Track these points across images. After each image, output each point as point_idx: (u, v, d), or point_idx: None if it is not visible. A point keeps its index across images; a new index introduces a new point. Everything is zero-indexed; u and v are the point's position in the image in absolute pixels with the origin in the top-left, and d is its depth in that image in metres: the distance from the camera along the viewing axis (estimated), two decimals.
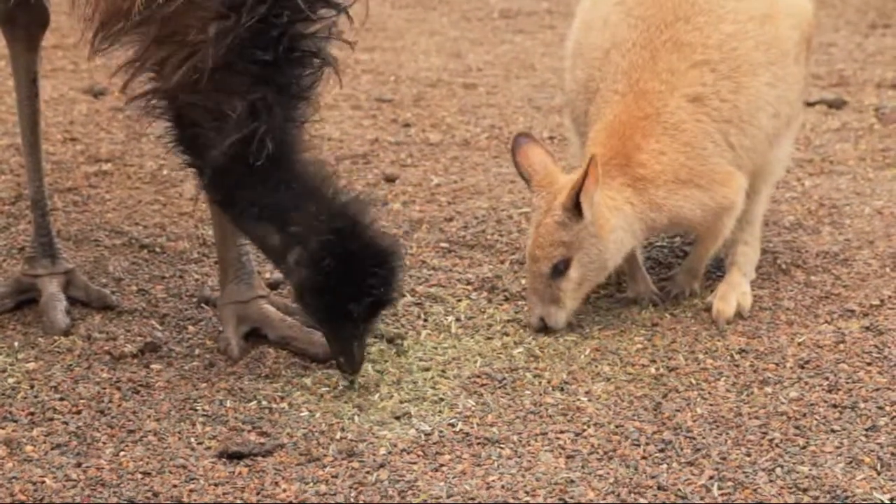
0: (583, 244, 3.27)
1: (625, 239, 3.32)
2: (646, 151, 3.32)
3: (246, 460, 2.76)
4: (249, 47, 2.89)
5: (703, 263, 3.52)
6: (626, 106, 3.36)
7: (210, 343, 3.28)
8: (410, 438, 2.85)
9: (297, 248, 2.99)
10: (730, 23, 3.40)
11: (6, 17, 3.45)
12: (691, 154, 3.33)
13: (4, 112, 4.94)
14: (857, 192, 4.20)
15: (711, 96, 3.35)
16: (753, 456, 2.76)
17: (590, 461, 2.75)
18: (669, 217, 3.35)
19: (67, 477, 2.71)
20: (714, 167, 3.35)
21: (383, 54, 5.78)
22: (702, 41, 3.37)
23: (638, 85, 3.36)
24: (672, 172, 3.32)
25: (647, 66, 3.37)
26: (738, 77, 3.37)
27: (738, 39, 3.38)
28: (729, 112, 3.35)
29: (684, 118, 3.33)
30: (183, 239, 3.88)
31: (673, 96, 3.33)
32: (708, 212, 3.36)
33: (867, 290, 3.53)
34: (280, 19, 2.88)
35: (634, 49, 3.40)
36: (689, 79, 3.34)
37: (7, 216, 4.06)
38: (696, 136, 3.33)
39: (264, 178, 2.97)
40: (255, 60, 2.91)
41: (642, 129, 3.33)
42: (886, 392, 3.02)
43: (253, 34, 2.87)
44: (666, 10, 3.41)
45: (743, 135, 3.37)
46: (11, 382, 3.08)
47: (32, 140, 3.53)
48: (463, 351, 3.23)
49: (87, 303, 3.46)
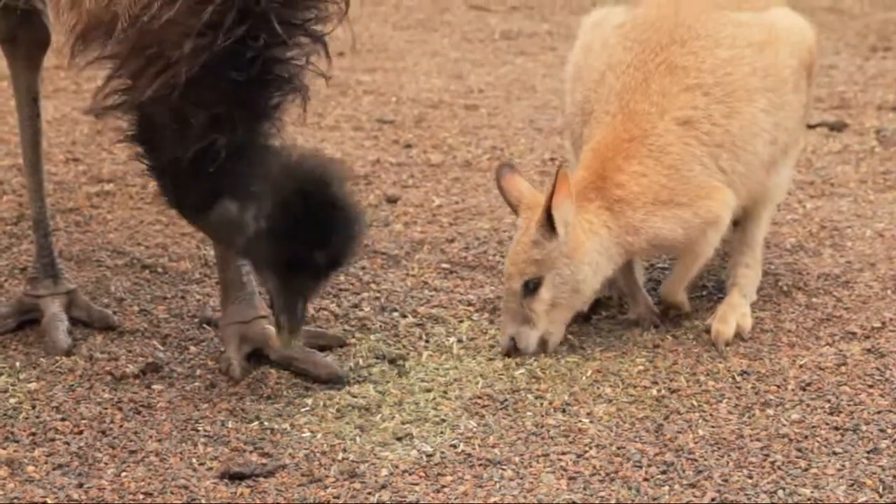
0: (555, 264, 3.26)
1: (600, 263, 3.31)
2: (626, 173, 3.31)
3: (248, 481, 2.76)
4: (223, 66, 2.90)
5: (682, 284, 3.49)
6: (613, 127, 3.37)
7: (212, 363, 3.28)
8: (412, 459, 2.85)
9: (253, 205, 2.98)
10: (726, 48, 3.40)
11: (7, 37, 3.46)
12: (674, 176, 3.32)
13: (6, 132, 4.94)
14: (858, 215, 4.20)
15: (703, 120, 3.34)
16: (755, 478, 2.76)
17: (592, 483, 2.75)
18: (648, 239, 3.34)
19: (69, 497, 2.71)
20: (698, 184, 3.34)
21: (385, 75, 5.79)
22: (696, 65, 3.37)
23: (629, 106, 3.37)
24: (652, 194, 3.31)
25: (640, 87, 3.38)
26: (731, 102, 3.36)
27: (733, 65, 3.38)
28: (721, 136, 3.35)
29: (672, 141, 3.33)
30: (185, 259, 3.89)
31: (662, 119, 3.33)
32: (691, 228, 3.35)
33: (868, 312, 3.53)
34: (256, 42, 2.90)
35: (628, 71, 3.40)
36: (681, 102, 3.34)
37: (9, 236, 4.07)
38: (682, 159, 3.33)
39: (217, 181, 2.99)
40: (226, 78, 2.92)
41: (626, 150, 3.33)
42: (888, 415, 3.02)
43: (228, 54, 2.89)
44: (662, 34, 3.42)
45: (736, 160, 3.37)
46: (13, 402, 3.09)
47: (34, 160, 3.54)
48: (465, 372, 3.23)
49: (88, 323, 3.46)
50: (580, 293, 3.32)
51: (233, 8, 2.84)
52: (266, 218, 2.97)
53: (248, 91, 2.96)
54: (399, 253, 3.88)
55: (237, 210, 3.01)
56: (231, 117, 2.96)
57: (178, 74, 2.89)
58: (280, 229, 2.97)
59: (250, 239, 3.02)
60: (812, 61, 3.57)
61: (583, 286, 3.31)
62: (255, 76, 2.94)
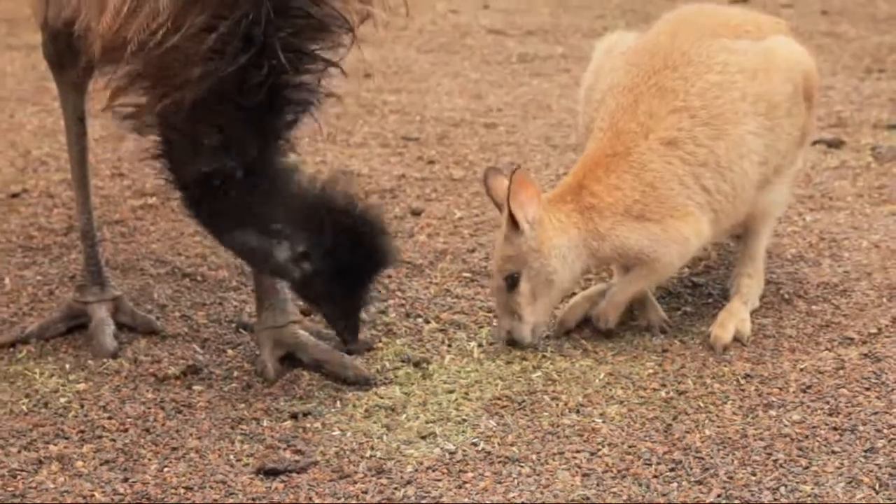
0: (527, 258, 3.28)
1: (568, 257, 3.31)
2: (602, 184, 3.32)
3: (282, 476, 2.77)
4: (229, 91, 2.90)
5: (628, 297, 3.45)
6: (602, 143, 3.37)
7: (248, 366, 3.29)
8: (436, 457, 2.85)
9: (283, 246, 3.00)
10: (716, 73, 3.38)
11: (56, 62, 3.48)
12: (650, 193, 3.31)
13: (57, 149, 4.96)
14: (854, 227, 4.19)
15: (687, 140, 3.33)
16: (759, 475, 2.76)
17: (604, 479, 2.75)
18: (613, 247, 3.33)
19: (115, 491, 2.71)
20: (674, 204, 3.32)
21: (409, 96, 5.79)
22: (685, 88, 3.36)
23: (617, 125, 3.37)
24: (623, 207, 3.31)
25: (630, 108, 3.38)
26: (718, 124, 3.34)
27: (722, 88, 3.37)
28: (705, 156, 3.33)
29: (653, 159, 3.32)
30: (223, 268, 3.89)
31: (647, 138, 3.33)
32: (657, 243, 3.33)
33: (865, 319, 3.52)
34: (261, 70, 2.89)
35: (623, 92, 3.41)
36: (667, 123, 3.33)
37: (59, 246, 4.08)
38: (661, 178, 3.31)
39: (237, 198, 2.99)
40: (233, 103, 2.92)
41: (607, 164, 3.34)
42: (884, 416, 3.01)
43: (233, 80, 2.88)
44: (657, 59, 3.42)
45: (722, 179, 3.35)
46: (63, 402, 3.10)
47: (81, 175, 3.55)
48: (485, 374, 3.23)
49: (133, 328, 3.47)
50: (554, 284, 3.32)
51: (237, 36, 2.84)
52: (307, 260, 3.00)
53: (257, 114, 2.95)
54: (423, 262, 3.88)
55: (257, 242, 3.02)
56: (242, 139, 2.95)
57: (183, 98, 2.89)
58: (323, 266, 3.00)
59: (297, 281, 3.05)
60: (810, 87, 3.54)
61: (554, 277, 3.31)
62: (264, 100, 2.93)
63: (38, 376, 3.23)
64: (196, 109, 2.90)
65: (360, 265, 3.03)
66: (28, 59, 6.33)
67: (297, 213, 3.00)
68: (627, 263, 3.43)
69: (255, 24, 2.84)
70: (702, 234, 3.36)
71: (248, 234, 3.03)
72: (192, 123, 2.94)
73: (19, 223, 4.29)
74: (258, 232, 3.02)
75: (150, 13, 2.80)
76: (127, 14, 2.81)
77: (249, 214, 3.01)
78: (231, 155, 2.95)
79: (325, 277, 3.02)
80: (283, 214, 2.99)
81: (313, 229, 2.98)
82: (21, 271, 3.89)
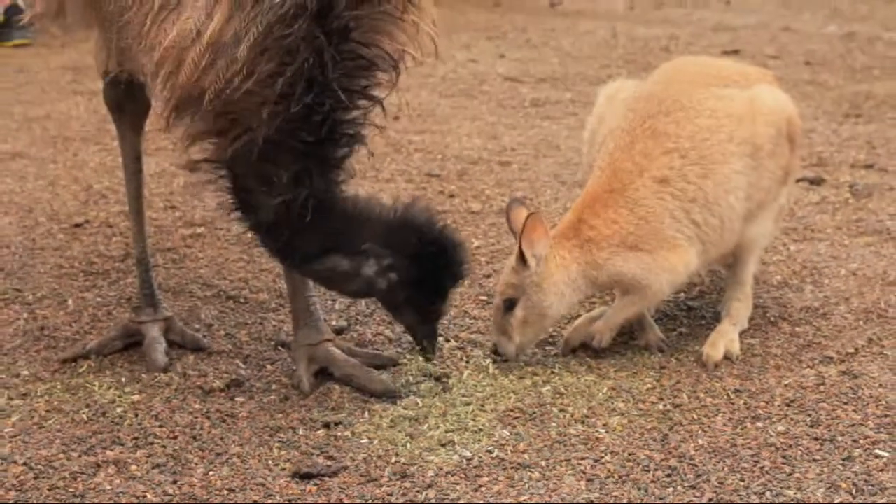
0: (527, 290, 3.28)
1: (566, 292, 3.30)
2: (601, 218, 3.31)
3: (315, 480, 2.76)
4: (295, 128, 2.90)
5: (621, 320, 3.44)
6: (601, 180, 3.37)
7: (285, 380, 3.29)
8: (454, 463, 2.84)
9: (370, 262, 3.02)
10: (706, 118, 3.38)
11: (116, 106, 3.50)
12: (643, 226, 3.30)
13: (116, 184, 4.99)
14: (834, 257, 4.18)
15: (678, 178, 3.32)
16: (747, 481, 2.74)
17: (607, 484, 2.74)
18: (609, 275, 3.31)
19: (165, 492, 2.72)
20: (665, 236, 3.32)
21: (432, 136, 5.81)
22: (676, 131, 3.36)
23: (615, 164, 3.36)
24: (619, 238, 3.29)
25: (627, 148, 3.37)
26: (706, 164, 3.33)
27: (711, 132, 3.36)
28: (694, 193, 3.32)
29: (647, 195, 3.31)
30: (263, 291, 3.90)
31: (641, 176, 3.32)
32: (649, 271, 3.31)
33: (843, 340, 3.51)
34: (323, 107, 2.89)
35: (621, 134, 3.41)
36: (659, 163, 3.33)
37: (117, 271, 4.09)
38: (654, 212, 3.30)
39: (313, 227, 2.99)
40: (299, 139, 2.92)
41: (605, 200, 3.33)
42: (860, 427, 2.99)
43: (299, 118, 2.89)
44: (652, 105, 3.42)
45: (710, 213, 3.34)
46: (119, 412, 3.10)
47: (137, 208, 3.57)
48: (499, 388, 3.22)
49: (182, 345, 3.48)
50: (547, 317, 3.32)
51: (302, 79, 2.85)
52: (393, 270, 3.01)
53: (319, 148, 2.96)
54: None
55: (350, 267, 3.03)
56: (308, 173, 2.95)
57: (256, 137, 2.89)
58: (410, 279, 3.02)
59: (383, 291, 3.05)
60: (793, 130, 3.54)
61: (549, 311, 3.31)
62: (324, 135, 2.94)
63: (97, 388, 3.24)
64: (263, 150, 2.91)
65: (441, 277, 3.05)
66: (91, 104, 6.37)
67: (381, 232, 3.01)
68: (622, 290, 3.42)
69: (317, 68, 2.85)
70: (690, 264, 3.35)
71: (334, 258, 3.03)
72: (262, 162, 2.94)
73: (81, 250, 4.31)
74: (345, 254, 3.02)
75: (226, 64, 2.80)
76: (205, 66, 2.81)
77: (333, 239, 3.01)
78: (302, 187, 2.95)
79: (409, 288, 3.04)
80: (368, 234, 3.00)
81: (398, 245, 3.00)
82: (83, 294, 3.90)
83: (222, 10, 2.78)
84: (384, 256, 3.01)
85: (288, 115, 2.87)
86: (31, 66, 7.55)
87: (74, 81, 6.99)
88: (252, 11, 2.78)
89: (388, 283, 3.04)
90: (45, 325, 3.63)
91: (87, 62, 3.96)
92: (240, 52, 2.79)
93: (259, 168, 2.95)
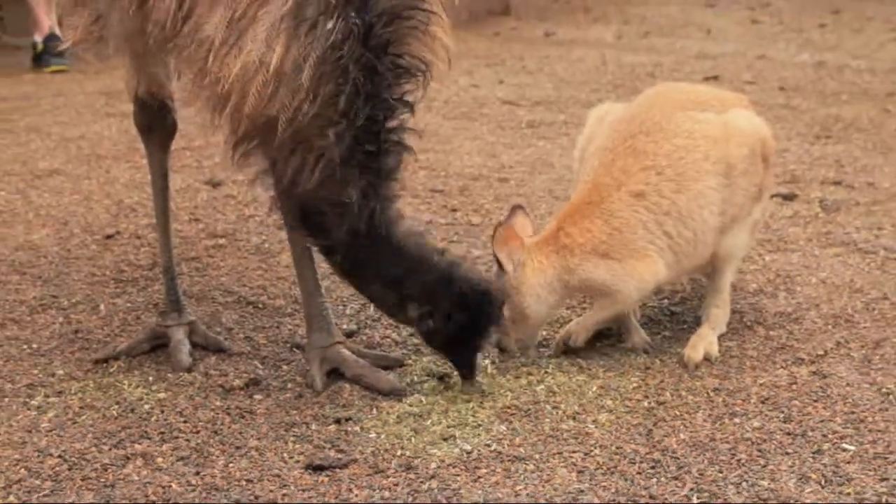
0: (508, 293, 3.28)
1: (542, 294, 3.31)
2: (577, 227, 3.32)
3: (327, 472, 2.76)
4: (361, 143, 2.90)
5: (594, 322, 3.44)
6: (582, 193, 3.38)
7: (300, 379, 3.29)
8: (455, 455, 2.84)
9: (414, 305, 3.04)
10: (682, 138, 3.38)
11: (145, 127, 3.50)
12: (616, 236, 3.30)
13: (145, 199, 4.99)
14: (805, 266, 4.18)
15: (653, 193, 3.32)
16: (724, 473, 2.74)
17: (596, 475, 2.74)
18: (580, 280, 3.32)
19: (189, 483, 2.72)
20: (635, 247, 3.31)
21: (436, 155, 5.81)
22: (654, 150, 3.37)
23: (596, 179, 3.38)
24: (591, 246, 3.30)
25: (608, 165, 3.38)
26: (681, 180, 3.33)
27: (686, 150, 3.36)
28: (668, 206, 3.32)
29: (622, 208, 3.31)
30: (280, 298, 3.90)
31: (619, 191, 3.33)
32: (617, 278, 3.31)
33: (814, 342, 3.51)
34: (378, 118, 2.90)
35: (605, 153, 3.42)
36: (637, 178, 3.33)
37: (145, 279, 4.10)
38: (628, 224, 3.30)
39: (378, 250, 3.00)
40: (364, 153, 2.92)
41: (583, 211, 3.34)
42: (829, 423, 2.99)
43: (362, 132, 2.89)
44: (634, 126, 3.43)
45: (683, 226, 3.34)
46: (146, 408, 3.10)
47: (164, 221, 3.57)
48: (496, 387, 3.22)
49: (205, 347, 3.48)
50: (528, 317, 3.33)
51: (359, 95, 2.85)
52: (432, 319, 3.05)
53: (377, 160, 2.95)
54: None
55: (397, 303, 3.07)
56: (372, 186, 2.95)
57: (332, 158, 2.88)
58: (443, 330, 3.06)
59: (423, 332, 3.10)
60: (767, 150, 3.53)
61: (528, 312, 3.32)
62: (381, 146, 2.94)
63: (126, 387, 3.24)
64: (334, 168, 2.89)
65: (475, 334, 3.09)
66: (122, 125, 6.38)
67: (429, 281, 3.02)
68: (595, 295, 3.43)
69: (368, 83, 2.86)
70: (658, 273, 3.34)
71: (386, 290, 3.06)
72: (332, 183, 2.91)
73: (112, 260, 4.31)
74: (394, 291, 3.05)
75: (289, 91, 2.79)
76: (270, 95, 2.80)
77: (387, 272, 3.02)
78: (369, 201, 2.94)
79: (444, 335, 3.07)
80: (416, 279, 3.02)
81: (441, 299, 3.02)
82: (113, 300, 3.90)
83: (282, 41, 2.77)
84: (426, 305, 3.04)
85: (354, 130, 2.87)
86: (68, 91, 7.57)
87: (107, 105, 7.00)
88: (306, 40, 2.78)
89: (427, 328, 3.08)
90: (79, 329, 3.64)
91: (120, 87, 3.97)
92: (302, 78, 2.78)
93: (327, 191, 2.93)
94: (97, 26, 3.11)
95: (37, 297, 3.90)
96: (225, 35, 2.80)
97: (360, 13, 2.83)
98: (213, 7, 2.81)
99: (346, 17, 2.81)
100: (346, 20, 2.81)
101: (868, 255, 4.29)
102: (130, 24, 2.97)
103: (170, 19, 2.86)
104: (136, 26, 2.96)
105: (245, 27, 2.79)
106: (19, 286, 4.01)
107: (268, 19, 2.78)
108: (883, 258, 4.26)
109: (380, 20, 2.86)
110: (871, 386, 3.21)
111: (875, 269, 4.14)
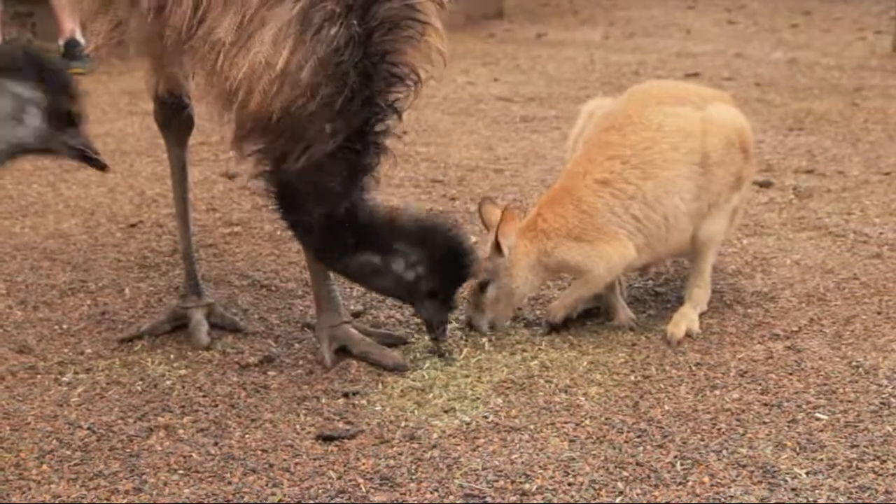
0: (498, 274, 3.32)
1: (528, 277, 3.35)
2: (552, 213, 3.34)
3: (336, 442, 2.76)
4: (350, 140, 2.91)
5: (572, 300, 3.43)
6: (560, 182, 3.42)
7: (311, 356, 3.28)
8: (455, 426, 2.83)
9: (399, 259, 3.05)
10: (651, 131, 3.37)
11: (164, 123, 3.49)
12: (585, 220, 3.31)
13: (165, 190, 4.97)
14: (780, 249, 4.17)
15: (618, 180, 3.32)
16: (706, 441, 2.73)
17: (586, 444, 2.73)
18: (556, 262, 3.34)
19: (208, 452, 2.71)
20: (605, 230, 3.31)
21: (436, 147, 5.80)
22: (621, 142, 3.36)
23: (572, 168, 3.42)
24: (565, 230, 3.32)
25: (582, 156, 3.41)
26: (647, 168, 3.32)
27: (653, 142, 3.35)
28: (633, 192, 3.32)
29: (588, 194, 3.32)
30: (291, 281, 3.89)
31: (585, 178, 3.34)
32: (589, 259, 3.32)
33: (789, 319, 3.50)
34: (371, 120, 2.91)
35: (584, 145, 3.45)
36: (602, 167, 3.34)
37: (167, 264, 4.09)
38: (594, 208, 3.31)
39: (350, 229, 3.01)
40: (350, 149, 2.93)
41: (558, 198, 3.36)
42: (803, 394, 2.98)
43: (354, 131, 2.90)
44: (609, 120, 3.44)
45: (651, 210, 3.33)
46: (168, 384, 3.10)
47: (183, 210, 3.56)
48: (494, 363, 3.21)
49: (222, 327, 3.47)
50: (513, 297, 3.37)
51: (356, 98, 2.87)
52: (419, 265, 3.05)
53: (359, 157, 2.97)
54: None
55: (380, 261, 3.06)
56: (353, 180, 2.97)
57: (320, 150, 2.90)
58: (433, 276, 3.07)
59: (409, 283, 3.09)
60: (745, 141, 3.50)
61: (516, 292, 3.36)
62: (366, 146, 2.95)
63: (149, 364, 3.23)
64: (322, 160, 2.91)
65: (456, 272, 3.10)
66: (144, 122, 6.35)
67: (408, 234, 3.04)
68: (572, 275, 3.44)
69: (366, 87, 2.87)
70: (626, 255, 3.33)
71: (367, 255, 3.06)
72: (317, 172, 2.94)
73: (136, 247, 4.30)
74: (376, 252, 3.05)
75: (291, 90, 2.81)
76: (275, 93, 2.81)
77: (367, 240, 3.03)
78: (348, 193, 2.96)
79: (429, 282, 3.07)
80: (396, 236, 3.04)
81: (422, 244, 3.04)
82: (137, 284, 3.89)
83: (288, 44, 2.78)
84: (411, 253, 3.04)
85: (347, 130, 2.88)
86: (93, 91, 7.53)
87: (131, 103, 6.98)
88: (311, 43, 2.79)
89: (415, 276, 3.07)
90: (106, 311, 3.63)
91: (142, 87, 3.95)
92: (303, 78, 2.79)
93: (314, 177, 2.94)
94: (118, 31, 3.10)
95: (66, 282, 3.89)
96: (235, 37, 2.80)
97: (361, 21, 2.84)
98: (225, 11, 2.81)
99: (348, 25, 2.82)
100: (348, 27, 2.81)
101: (839, 239, 4.28)
102: (149, 29, 2.96)
103: (185, 24, 2.85)
104: (154, 31, 2.95)
105: (253, 30, 2.79)
106: (50, 271, 4.00)
107: (275, 23, 2.78)
108: (852, 241, 4.24)
109: (379, 29, 2.87)
110: (842, 360, 3.20)
111: (845, 252, 4.13)
